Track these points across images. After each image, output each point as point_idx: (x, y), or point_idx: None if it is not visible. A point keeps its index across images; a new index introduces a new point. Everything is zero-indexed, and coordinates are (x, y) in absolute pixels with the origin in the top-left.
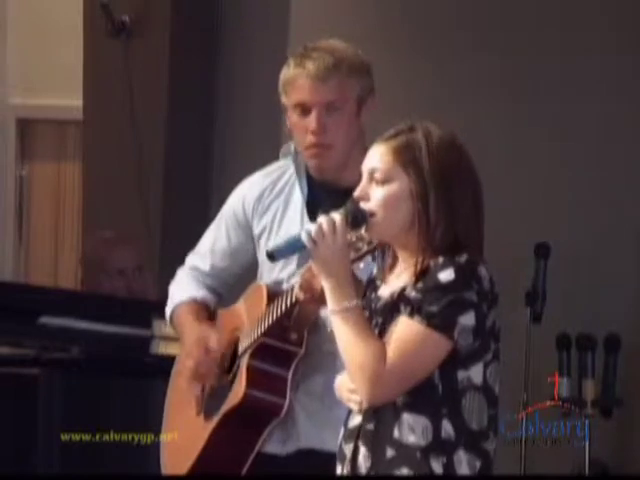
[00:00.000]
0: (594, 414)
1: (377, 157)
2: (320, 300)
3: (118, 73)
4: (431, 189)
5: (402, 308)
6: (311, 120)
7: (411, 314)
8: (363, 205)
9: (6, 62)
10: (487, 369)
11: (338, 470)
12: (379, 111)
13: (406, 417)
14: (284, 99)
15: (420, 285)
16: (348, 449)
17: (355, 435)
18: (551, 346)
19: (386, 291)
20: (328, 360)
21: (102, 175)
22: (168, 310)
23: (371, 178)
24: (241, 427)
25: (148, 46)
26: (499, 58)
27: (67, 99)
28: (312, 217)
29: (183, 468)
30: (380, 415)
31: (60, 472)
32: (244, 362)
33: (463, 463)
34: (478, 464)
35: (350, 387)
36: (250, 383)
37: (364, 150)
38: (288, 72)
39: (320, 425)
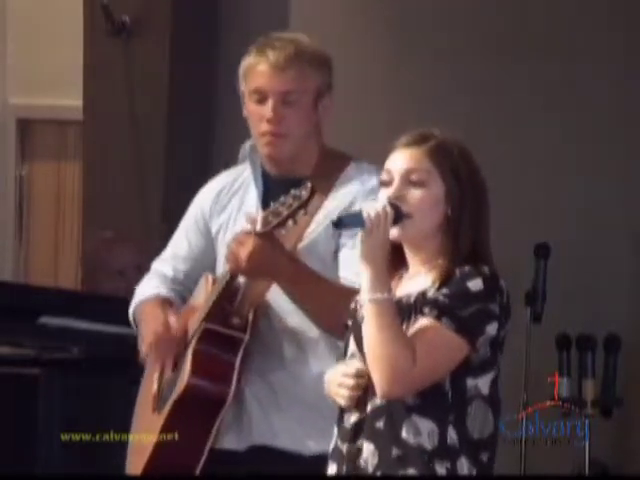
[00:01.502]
0: (594, 414)
1: (413, 159)
2: (249, 276)
3: (118, 73)
4: (466, 195)
5: (427, 310)
6: (267, 108)
7: (438, 317)
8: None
9: (6, 62)
10: (494, 380)
11: (333, 470)
12: (379, 109)
13: (415, 419)
14: (242, 86)
15: (446, 290)
16: (346, 448)
17: (353, 434)
18: (551, 346)
19: (395, 292)
20: (279, 351)
21: (102, 175)
22: (132, 308)
23: (406, 180)
24: (190, 417)
25: (148, 46)
26: (500, 58)
27: (67, 99)
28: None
29: (139, 466)
30: (390, 414)
31: (60, 472)
32: (190, 349)
33: (465, 471)
34: (475, 473)
35: (340, 381)
36: (195, 370)
37: (319, 144)
38: (249, 59)
39: (272, 418)
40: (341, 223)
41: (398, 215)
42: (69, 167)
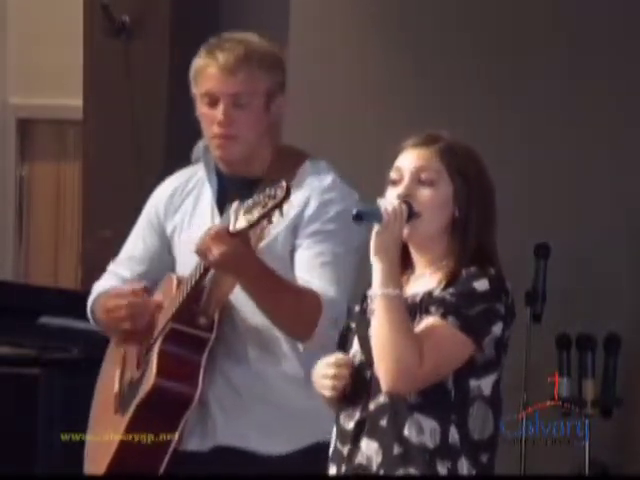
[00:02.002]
0: (594, 414)
1: (423, 159)
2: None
3: (118, 73)
4: (473, 196)
5: (433, 309)
6: (218, 111)
7: (444, 315)
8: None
9: (6, 62)
10: (496, 381)
11: (333, 471)
12: (379, 109)
13: (417, 417)
14: (194, 88)
15: (452, 290)
16: (347, 449)
17: (353, 434)
18: (551, 346)
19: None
20: (242, 351)
21: (102, 175)
22: (90, 302)
23: (416, 179)
24: (155, 418)
25: (148, 46)
26: (502, 58)
27: (67, 99)
28: (222, 211)
29: (102, 467)
30: (393, 412)
31: (60, 472)
32: (155, 349)
33: (465, 471)
34: (474, 474)
35: (324, 372)
36: (160, 370)
37: (273, 144)
38: (198, 61)
39: (237, 420)
40: (359, 216)
41: (409, 213)
42: (69, 167)
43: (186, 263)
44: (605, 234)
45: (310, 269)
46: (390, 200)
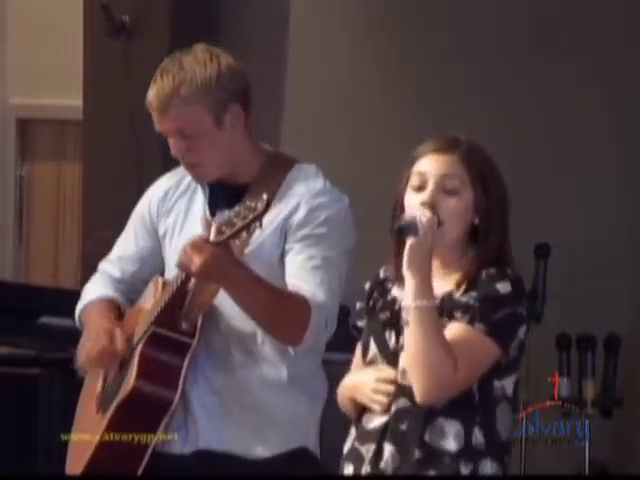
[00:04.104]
0: (594, 414)
1: (448, 166)
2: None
3: (118, 73)
4: (493, 203)
5: (458, 315)
6: (171, 146)
7: (471, 321)
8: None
9: (6, 62)
10: (516, 381)
11: (350, 470)
12: (378, 108)
13: (440, 421)
14: None
15: (475, 294)
16: (366, 450)
17: (379, 436)
18: (551, 346)
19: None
20: (225, 355)
21: (102, 175)
22: (78, 309)
23: (441, 186)
24: (134, 420)
25: (148, 46)
26: (502, 58)
27: (67, 99)
28: (213, 216)
29: (79, 466)
30: (414, 416)
31: (60, 472)
32: (137, 352)
33: (488, 473)
34: (500, 474)
35: (374, 387)
36: (141, 373)
37: (255, 149)
38: (147, 95)
39: (219, 424)
40: (400, 231)
41: (438, 222)
42: (69, 167)
43: (174, 267)
44: (605, 234)
45: (300, 273)
46: (420, 209)
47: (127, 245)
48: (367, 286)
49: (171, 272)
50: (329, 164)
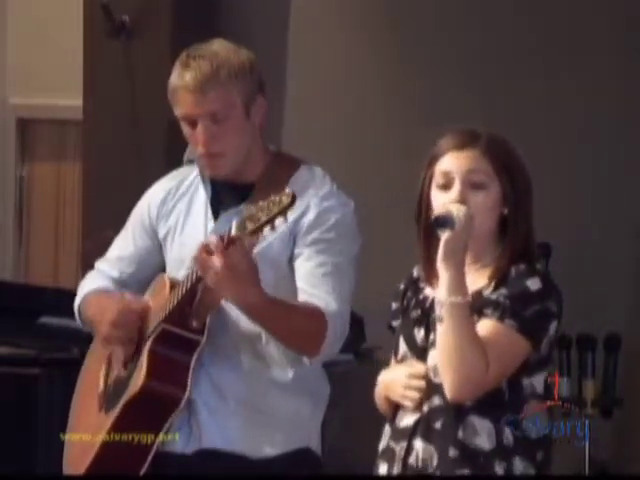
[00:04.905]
0: (594, 414)
1: (472, 160)
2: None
3: (118, 73)
4: (520, 193)
5: (488, 312)
6: (199, 132)
7: (501, 318)
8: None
9: (6, 62)
10: (547, 378)
11: (384, 469)
12: (378, 108)
13: (472, 419)
14: (174, 110)
15: (505, 291)
16: (400, 448)
17: (409, 433)
18: None
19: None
20: (230, 354)
21: (102, 175)
22: (77, 302)
23: (467, 182)
24: (141, 418)
25: (148, 46)
26: (502, 58)
27: (67, 99)
28: (216, 216)
29: (82, 466)
30: (447, 414)
31: (60, 472)
32: (146, 349)
33: (520, 471)
34: (532, 473)
35: (406, 383)
36: (151, 370)
37: (263, 148)
38: (171, 83)
39: (222, 423)
40: (437, 223)
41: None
42: (69, 167)
43: (177, 267)
44: (605, 234)
45: (312, 281)
46: (454, 205)
47: (126, 246)
48: (401, 286)
49: (173, 272)
50: (329, 164)
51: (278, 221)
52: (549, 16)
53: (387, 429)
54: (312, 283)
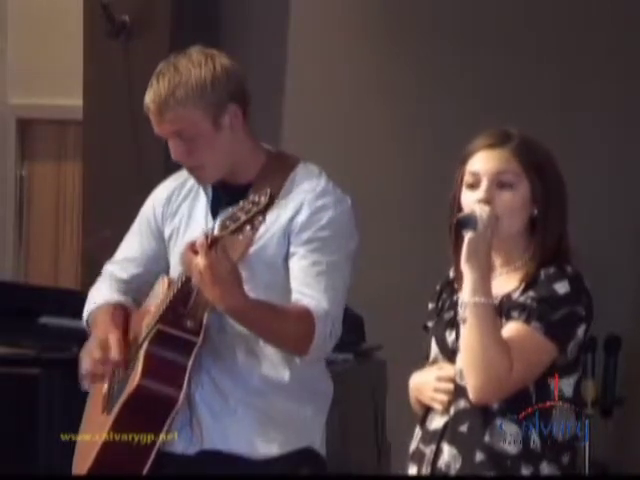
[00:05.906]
0: (594, 414)
1: (501, 160)
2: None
3: (118, 73)
4: (551, 194)
5: (515, 314)
6: (171, 148)
7: (527, 321)
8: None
9: (6, 62)
10: (577, 382)
11: (413, 471)
12: (378, 107)
13: (498, 423)
14: None
15: (532, 293)
16: (429, 450)
17: (438, 436)
18: None
19: None
20: (229, 355)
21: (102, 175)
22: (85, 313)
23: (495, 182)
24: (139, 419)
25: (148, 46)
26: (502, 57)
27: (67, 99)
28: (215, 217)
29: (85, 466)
30: (474, 418)
31: (60, 472)
32: (142, 350)
33: (546, 473)
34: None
35: (436, 386)
36: (146, 371)
37: (256, 149)
38: (144, 100)
39: (224, 424)
40: (459, 224)
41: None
42: (69, 167)
43: (179, 269)
44: (605, 234)
45: (305, 280)
46: (478, 205)
47: (132, 247)
48: (438, 287)
49: (175, 273)
50: (328, 163)
51: (257, 221)
52: (549, 16)
53: (417, 431)
54: (305, 282)
